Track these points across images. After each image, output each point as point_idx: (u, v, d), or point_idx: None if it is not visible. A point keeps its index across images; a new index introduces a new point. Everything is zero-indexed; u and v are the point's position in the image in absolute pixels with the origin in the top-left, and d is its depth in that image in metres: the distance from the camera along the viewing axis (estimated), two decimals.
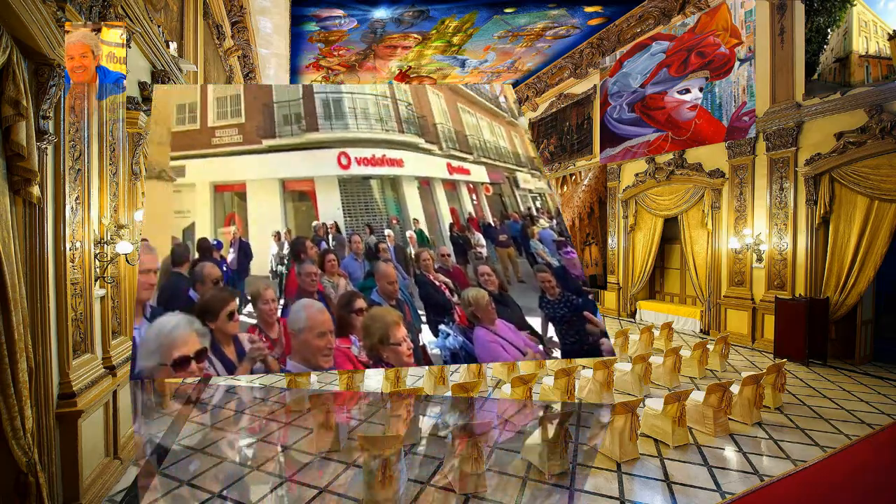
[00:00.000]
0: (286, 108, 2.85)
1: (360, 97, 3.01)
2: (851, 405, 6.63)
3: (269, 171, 2.78)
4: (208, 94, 3.08)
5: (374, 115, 2.97)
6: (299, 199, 2.76)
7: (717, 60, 9.05)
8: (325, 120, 2.84)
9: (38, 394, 3.43)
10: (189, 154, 2.73)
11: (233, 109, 2.98)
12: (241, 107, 2.91)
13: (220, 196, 2.72)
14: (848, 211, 8.63)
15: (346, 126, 2.89)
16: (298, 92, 2.94)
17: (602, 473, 4.66)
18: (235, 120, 2.94)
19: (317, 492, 4.34)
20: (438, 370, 7.14)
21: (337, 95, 2.98)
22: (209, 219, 2.61)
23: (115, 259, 4.66)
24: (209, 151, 2.80)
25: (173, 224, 2.48)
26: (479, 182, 3.22)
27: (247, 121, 2.84)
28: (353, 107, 2.95)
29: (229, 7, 10.82)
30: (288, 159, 2.79)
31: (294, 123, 2.81)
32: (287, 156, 2.79)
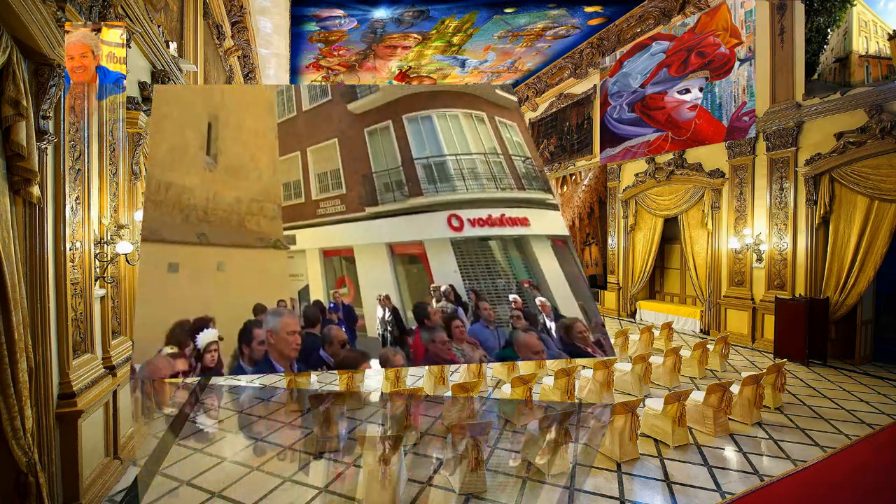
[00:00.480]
0: (386, 176, 2.93)
1: (465, 158, 3.10)
2: (851, 405, 6.63)
3: (374, 237, 2.86)
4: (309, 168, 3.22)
5: (484, 174, 3.04)
6: (409, 263, 2.80)
7: (717, 60, 9.06)
8: (429, 184, 2.89)
9: (38, 394, 3.43)
10: (298, 224, 2.89)
11: (333, 183, 3.11)
12: (341, 180, 3.03)
13: (329, 260, 2.82)
14: (848, 211, 8.63)
15: (454, 188, 2.93)
16: (397, 160, 2.98)
17: (602, 473, 4.66)
18: (337, 192, 3.07)
19: (317, 492, 4.34)
20: (438, 370, 7.15)
21: (440, 159, 3.03)
22: (321, 281, 2.73)
23: (115, 259, 4.66)
24: (316, 221, 2.95)
25: (291, 286, 2.63)
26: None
27: (348, 192, 2.97)
28: (458, 168, 3.03)
29: (229, 7, 10.82)
30: (393, 224, 2.85)
31: (396, 190, 2.87)
32: (392, 221, 2.85)
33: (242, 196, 2.91)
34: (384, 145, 3.06)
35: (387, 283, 2.69)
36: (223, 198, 2.89)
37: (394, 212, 2.82)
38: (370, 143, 3.08)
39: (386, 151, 3.03)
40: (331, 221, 2.98)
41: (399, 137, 3.07)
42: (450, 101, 3.32)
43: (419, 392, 6.12)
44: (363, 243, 2.81)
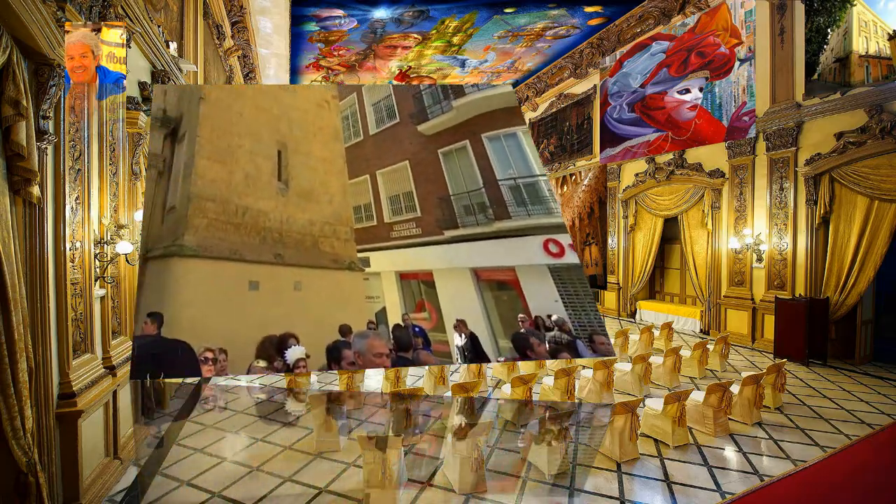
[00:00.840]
0: (465, 199, 2.84)
1: None
2: (851, 405, 6.63)
3: (456, 261, 2.80)
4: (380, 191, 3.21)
5: None
6: (498, 289, 2.70)
7: (717, 60, 9.06)
8: (519, 206, 2.77)
9: (38, 394, 3.43)
10: (372, 247, 2.89)
11: (407, 206, 3.07)
12: (415, 203, 3.00)
13: (406, 283, 2.79)
14: (848, 211, 8.63)
15: (549, 210, 2.81)
16: (478, 181, 2.89)
17: (602, 473, 4.66)
18: (411, 215, 3.03)
19: (317, 492, 4.34)
20: (438, 370, 7.15)
21: (530, 180, 2.93)
22: (399, 304, 2.70)
23: (115, 259, 4.66)
24: (391, 244, 2.94)
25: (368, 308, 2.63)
26: None
27: (423, 214, 2.93)
28: (552, 188, 2.94)
29: (229, 7, 10.82)
30: (478, 249, 2.77)
31: (478, 213, 2.78)
32: (476, 245, 2.77)
33: (315, 219, 2.94)
34: (462, 166, 2.96)
35: (473, 309, 2.60)
36: (296, 221, 2.93)
37: (477, 235, 2.72)
38: (445, 164, 2.99)
39: (464, 172, 2.93)
40: (406, 244, 2.94)
41: (479, 157, 2.96)
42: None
43: (419, 392, 6.11)
44: (444, 267, 2.74)
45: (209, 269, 2.83)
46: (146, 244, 2.86)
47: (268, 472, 4.69)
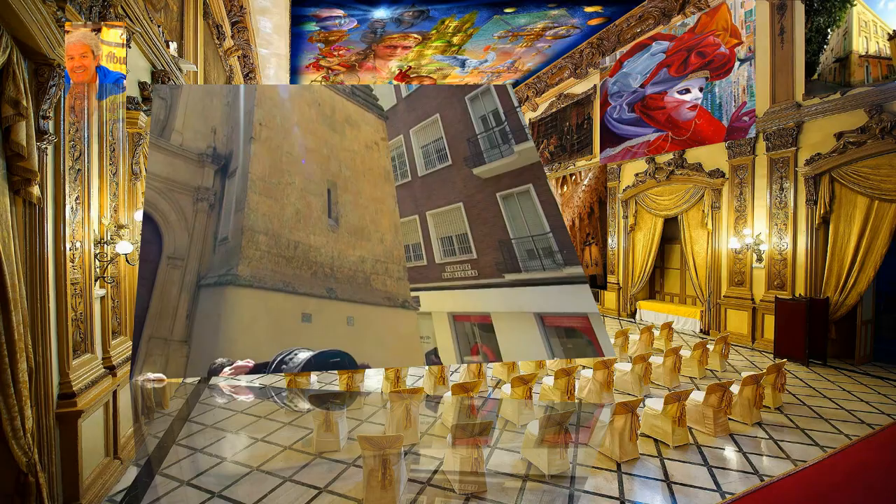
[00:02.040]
0: (529, 243, 2.84)
1: None
2: (851, 405, 6.63)
3: (518, 305, 2.79)
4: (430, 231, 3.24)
5: None
6: (567, 336, 2.71)
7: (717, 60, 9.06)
8: None
9: (38, 394, 3.43)
10: (423, 286, 2.92)
11: (460, 247, 3.08)
12: (469, 244, 3.00)
13: (460, 325, 2.80)
14: (848, 211, 8.63)
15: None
16: (545, 226, 2.89)
17: (602, 473, 4.66)
18: (466, 256, 3.04)
19: (317, 492, 4.34)
20: (438, 370, 7.15)
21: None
22: (453, 346, 2.73)
23: (115, 259, 4.66)
24: (443, 284, 2.95)
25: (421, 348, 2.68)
26: None
27: (480, 256, 2.92)
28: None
29: (229, 7, 10.82)
30: (543, 294, 2.76)
31: (545, 258, 2.77)
32: (541, 290, 2.76)
33: (366, 256, 2.97)
34: (524, 210, 2.95)
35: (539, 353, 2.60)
36: (347, 257, 2.97)
37: (545, 280, 2.70)
38: (504, 207, 2.98)
39: (527, 216, 2.91)
40: (461, 286, 2.94)
41: (545, 203, 2.95)
42: None
43: (419, 392, 6.11)
44: (504, 310, 2.72)
45: (262, 299, 2.87)
46: (199, 271, 2.89)
47: (268, 472, 4.69)
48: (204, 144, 3.52)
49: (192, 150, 3.48)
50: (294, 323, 2.71)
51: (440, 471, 4.66)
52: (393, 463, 4.01)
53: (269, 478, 4.59)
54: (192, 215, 3.20)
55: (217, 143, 3.56)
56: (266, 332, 2.63)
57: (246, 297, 2.85)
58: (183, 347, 2.57)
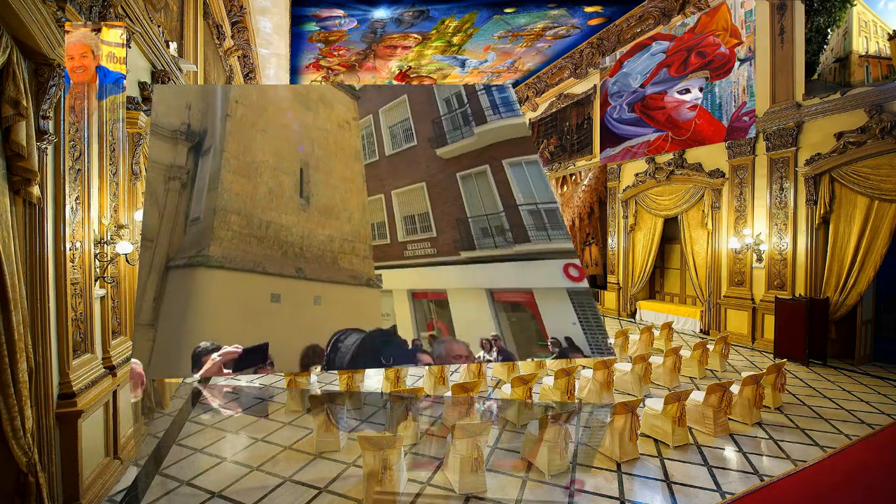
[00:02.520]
0: (484, 221, 2.89)
1: None
2: (851, 405, 6.63)
3: (472, 281, 2.85)
4: (394, 210, 3.27)
5: None
6: (513, 310, 2.75)
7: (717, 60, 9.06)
8: (539, 231, 2.84)
9: (38, 394, 3.43)
10: (386, 265, 2.95)
11: (421, 226, 3.13)
12: (430, 223, 3.05)
13: (419, 302, 2.83)
14: (848, 211, 8.63)
15: (569, 236, 2.91)
16: (498, 205, 2.95)
17: (602, 473, 4.66)
18: (426, 235, 3.09)
19: (317, 492, 4.34)
20: (438, 370, 7.15)
21: (551, 206, 3.00)
22: (411, 322, 2.75)
23: (115, 259, 4.66)
24: (405, 262, 2.99)
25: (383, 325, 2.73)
26: None
27: (439, 235, 2.98)
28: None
29: (229, 7, 10.82)
30: (495, 270, 2.82)
31: (497, 236, 2.83)
32: (493, 266, 2.82)
33: (335, 235, 2.99)
34: (481, 190, 3.01)
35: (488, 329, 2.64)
36: (317, 236, 2.98)
37: (496, 257, 2.76)
38: (463, 187, 3.04)
39: (483, 196, 2.98)
40: (421, 264, 2.99)
41: (499, 182, 3.01)
42: None
43: (419, 392, 6.11)
44: (458, 287, 2.77)
45: (232, 280, 2.87)
46: (169, 253, 2.89)
47: (268, 472, 4.69)
48: (178, 121, 3.51)
49: (165, 127, 3.47)
50: (263, 304, 2.72)
51: (440, 471, 4.66)
52: (393, 463, 4.01)
53: (269, 478, 4.59)
54: (164, 194, 3.20)
55: (191, 120, 3.56)
56: (235, 314, 2.64)
57: (216, 279, 2.85)
58: (149, 331, 2.58)
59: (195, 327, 2.56)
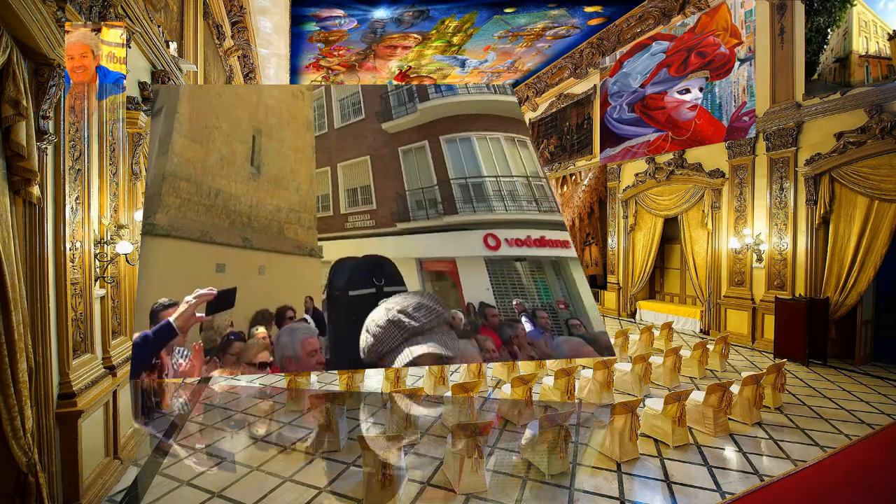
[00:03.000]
0: (419, 194, 2.98)
1: (506, 180, 3.18)
2: (851, 405, 6.63)
3: (405, 252, 2.92)
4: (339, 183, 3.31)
5: (524, 197, 3.11)
6: (437, 279, 2.84)
7: (717, 60, 9.06)
8: (466, 203, 2.94)
9: (38, 394, 3.43)
10: (328, 236, 3.00)
11: (363, 198, 3.19)
12: (371, 196, 3.12)
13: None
14: (848, 211, 8.63)
15: (491, 208, 3.01)
16: (433, 179, 3.04)
17: (602, 473, 4.66)
18: (367, 207, 3.16)
19: (317, 492, 4.34)
20: (438, 370, 7.15)
21: (478, 180, 3.09)
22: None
23: (115, 259, 4.66)
24: (345, 234, 3.05)
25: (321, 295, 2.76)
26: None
27: (378, 207, 3.05)
28: (497, 189, 3.10)
29: (229, 7, 10.82)
30: (426, 240, 2.92)
31: (430, 208, 2.92)
32: (424, 237, 2.92)
33: (282, 205, 3.00)
34: (419, 164, 3.09)
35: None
36: (265, 206, 2.99)
37: (427, 228, 2.86)
38: (404, 162, 3.11)
39: (420, 170, 3.06)
40: (360, 235, 3.05)
41: (435, 158, 3.10)
42: (491, 125, 3.36)
43: (419, 392, 6.11)
44: (393, 257, 2.84)
45: (179, 249, 2.86)
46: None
47: (268, 472, 4.69)
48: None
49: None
50: (209, 274, 2.74)
51: (440, 471, 4.66)
52: (393, 463, 4.01)
53: (269, 478, 4.59)
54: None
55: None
56: (180, 285, 2.64)
57: (163, 248, 2.85)
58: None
59: (141, 299, 2.57)
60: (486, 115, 3.43)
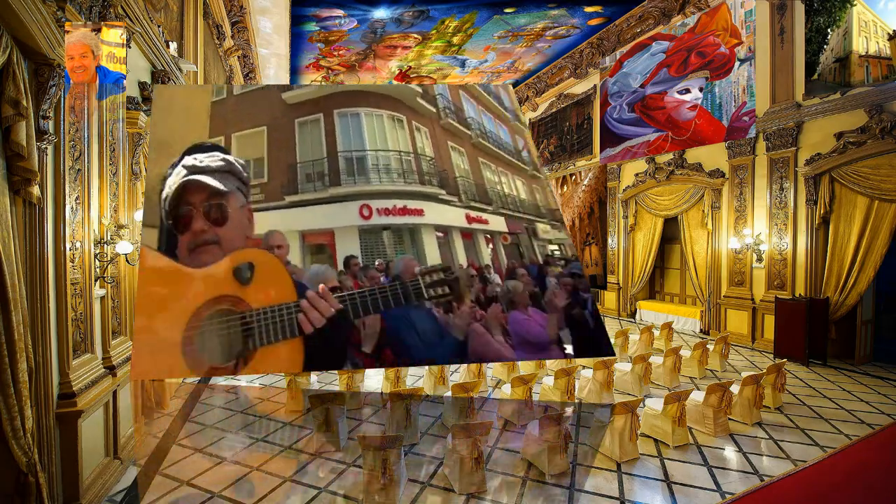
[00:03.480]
0: (310, 167, 2.99)
1: (382, 154, 3.20)
2: (851, 405, 6.63)
3: (289, 224, 2.93)
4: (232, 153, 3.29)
5: (396, 170, 3.15)
6: (317, 252, 2.86)
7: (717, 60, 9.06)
8: (349, 176, 2.99)
9: (38, 394, 3.43)
10: None
11: (255, 171, 3.17)
12: (263, 169, 3.12)
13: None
14: (848, 211, 8.63)
15: (369, 180, 3.05)
16: (323, 152, 3.07)
17: (602, 473, 4.66)
18: (258, 181, 3.15)
19: (317, 492, 4.34)
20: (438, 370, 7.14)
21: (361, 154, 3.15)
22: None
23: (115, 259, 4.66)
24: None
25: None
26: (498, 232, 3.39)
27: (270, 181, 3.04)
28: (375, 163, 3.12)
29: (229, 7, 10.82)
30: (310, 213, 2.94)
31: (317, 181, 2.94)
32: (309, 209, 2.93)
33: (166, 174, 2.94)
34: (312, 137, 3.09)
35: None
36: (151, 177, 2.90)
37: (312, 201, 2.88)
38: (300, 134, 3.11)
39: (313, 143, 3.07)
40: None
41: (328, 132, 3.13)
42: (376, 102, 3.36)
43: (419, 392, 6.11)
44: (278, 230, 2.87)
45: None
46: None
47: (268, 473, 4.69)
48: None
49: None
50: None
51: (440, 471, 4.66)
52: (393, 463, 4.01)
53: (269, 478, 4.59)
54: None
55: None
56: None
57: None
58: None
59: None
60: (377, 93, 3.44)
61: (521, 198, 3.62)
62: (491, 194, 3.65)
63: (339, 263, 2.66)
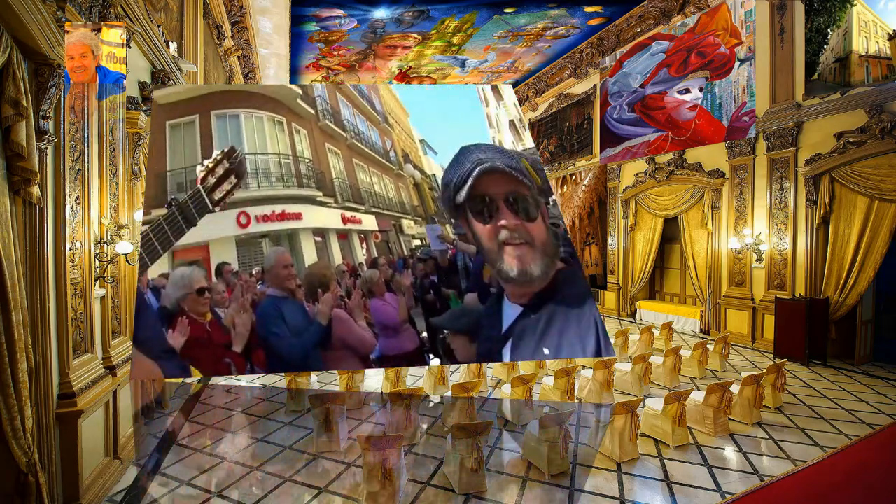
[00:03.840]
0: (181, 175, 2.64)
1: (261, 157, 3.05)
2: (851, 405, 6.63)
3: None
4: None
5: (275, 174, 3.02)
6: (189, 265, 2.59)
7: (717, 60, 9.05)
8: None
9: (38, 394, 3.43)
10: None
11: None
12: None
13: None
14: (848, 211, 8.63)
15: (248, 186, 2.86)
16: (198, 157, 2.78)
17: (602, 473, 4.66)
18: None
19: (317, 492, 4.34)
20: (438, 370, 7.14)
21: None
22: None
23: (115, 259, 4.66)
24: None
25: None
26: (370, 230, 3.36)
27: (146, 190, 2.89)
28: (254, 168, 2.95)
29: (229, 7, 10.82)
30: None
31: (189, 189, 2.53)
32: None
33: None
34: (186, 141, 2.85)
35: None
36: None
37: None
38: (171, 138, 2.86)
39: (187, 147, 2.82)
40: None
41: (204, 134, 2.92)
42: (258, 104, 3.19)
43: (419, 392, 6.11)
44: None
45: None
46: None
47: (268, 473, 4.69)
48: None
49: None
50: None
51: (440, 471, 4.66)
52: (393, 463, 4.01)
53: (269, 478, 4.59)
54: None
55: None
56: None
57: None
58: None
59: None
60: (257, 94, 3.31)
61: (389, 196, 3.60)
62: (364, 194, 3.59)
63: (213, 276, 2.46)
